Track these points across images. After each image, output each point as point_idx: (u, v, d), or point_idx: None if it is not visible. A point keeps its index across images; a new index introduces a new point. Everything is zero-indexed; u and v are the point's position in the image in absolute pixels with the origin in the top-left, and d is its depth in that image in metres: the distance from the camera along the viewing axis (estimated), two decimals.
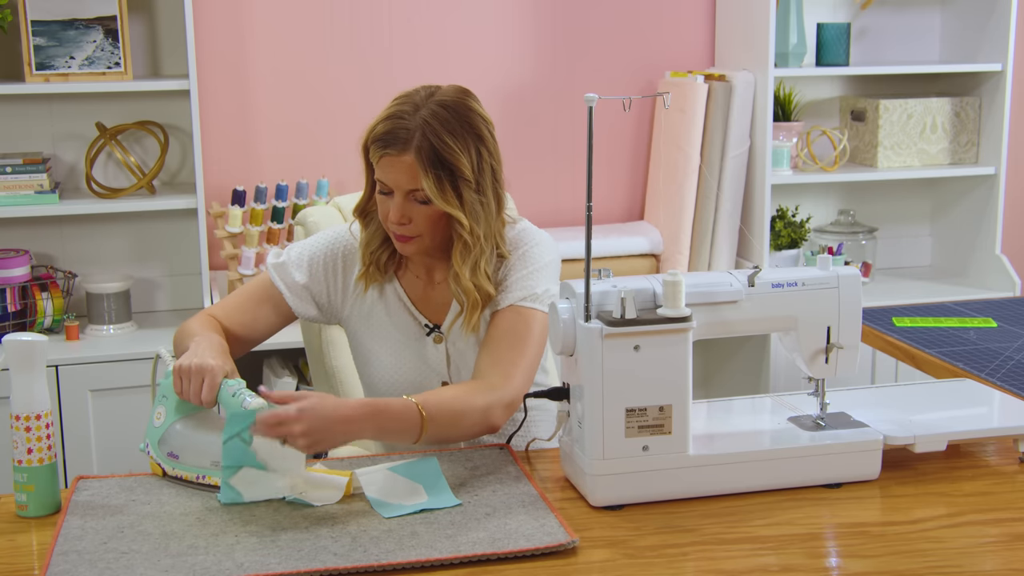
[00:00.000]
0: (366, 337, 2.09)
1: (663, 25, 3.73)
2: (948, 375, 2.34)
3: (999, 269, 3.67)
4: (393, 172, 1.90)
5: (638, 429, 1.67)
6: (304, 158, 3.52)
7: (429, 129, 1.88)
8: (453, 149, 1.88)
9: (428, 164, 1.88)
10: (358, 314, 2.09)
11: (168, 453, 1.79)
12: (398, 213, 1.92)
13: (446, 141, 1.88)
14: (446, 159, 1.88)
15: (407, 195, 1.92)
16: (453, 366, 2.06)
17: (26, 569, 1.54)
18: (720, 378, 3.81)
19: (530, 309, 1.97)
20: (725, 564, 1.52)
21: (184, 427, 1.80)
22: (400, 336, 2.07)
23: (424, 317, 2.07)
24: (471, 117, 1.92)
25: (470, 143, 1.91)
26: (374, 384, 2.11)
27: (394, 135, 1.89)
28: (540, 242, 2.05)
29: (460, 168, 1.90)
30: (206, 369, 1.76)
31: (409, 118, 1.89)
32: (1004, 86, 3.61)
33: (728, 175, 3.54)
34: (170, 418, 1.81)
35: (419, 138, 1.88)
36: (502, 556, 1.53)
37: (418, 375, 2.07)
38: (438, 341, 2.06)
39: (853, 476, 1.77)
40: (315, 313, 2.10)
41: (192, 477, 1.76)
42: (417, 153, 1.88)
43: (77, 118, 3.37)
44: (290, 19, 3.47)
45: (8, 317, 3.17)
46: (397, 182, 1.91)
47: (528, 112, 3.65)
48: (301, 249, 2.09)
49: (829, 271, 1.78)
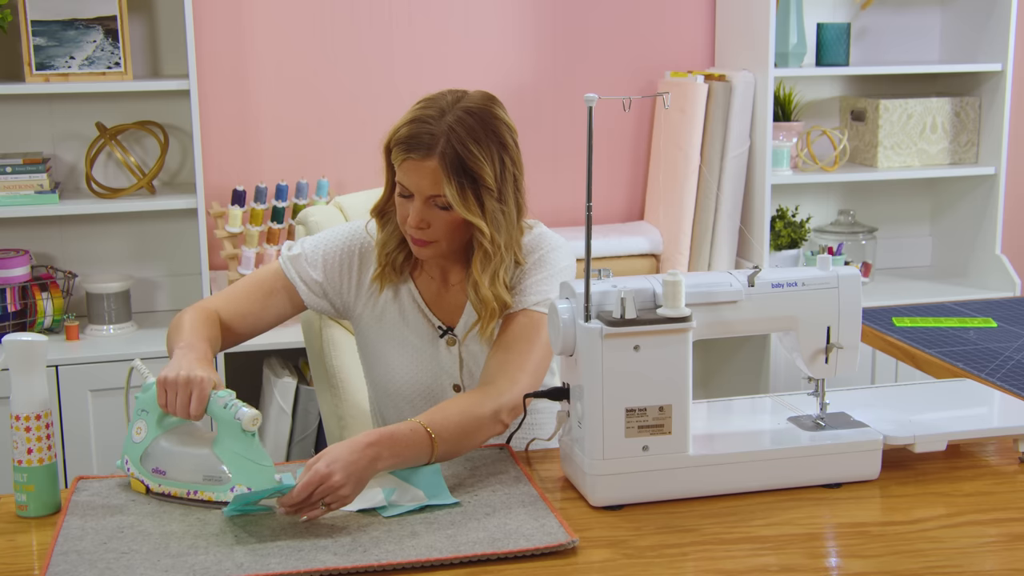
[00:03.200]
0: (377, 337, 2.07)
1: (663, 25, 3.73)
2: (948, 375, 2.34)
3: (999, 269, 3.67)
4: (415, 176, 1.88)
5: (638, 429, 1.67)
6: (304, 158, 3.52)
7: (455, 136, 1.85)
8: (477, 157, 1.86)
9: (452, 171, 1.85)
10: (371, 314, 2.07)
11: (153, 469, 1.73)
12: (417, 218, 1.90)
13: (471, 149, 1.85)
14: (470, 167, 1.86)
15: (427, 200, 1.89)
16: (466, 369, 2.05)
17: (26, 569, 1.54)
18: (720, 378, 3.81)
19: (542, 314, 1.95)
20: (725, 564, 1.53)
21: (169, 442, 1.75)
22: (413, 338, 2.05)
23: (438, 319, 2.05)
24: (497, 125, 1.90)
25: (494, 151, 1.88)
26: (383, 385, 2.09)
27: (419, 139, 1.86)
28: (557, 247, 2.03)
29: (483, 177, 1.87)
30: (194, 381, 1.70)
31: (435, 123, 1.86)
32: (1004, 86, 3.61)
33: (728, 175, 3.54)
34: (152, 433, 1.76)
35: (444, 144, 1.85)
36: (502, 556, 1.53)
37: (429, 377, 2.06)
38: (451, 344, 2.04)
39: (853, 476, 1.77)
40: (327, 307, 2.08)
41: (182, 493, 1.70)
42: (441, 159, 1.85)
43: (77, 118, 3.37)
44: (290, 19, 3.47)
45: (8, 317, 3.17)
46: (419, 187, 1.88)
47: (528, 112, 3.65)
48: (316, 243, 2.07)
49: (829, 271, 1.78)
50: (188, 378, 1.71)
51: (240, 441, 1.68)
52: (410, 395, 2.06)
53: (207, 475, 1.69)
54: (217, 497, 1.68)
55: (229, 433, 1.69)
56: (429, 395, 2.05)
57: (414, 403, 2.06)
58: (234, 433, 1.69)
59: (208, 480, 1.69)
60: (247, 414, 1.67)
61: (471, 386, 2.04)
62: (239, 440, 1.68)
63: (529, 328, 1.94)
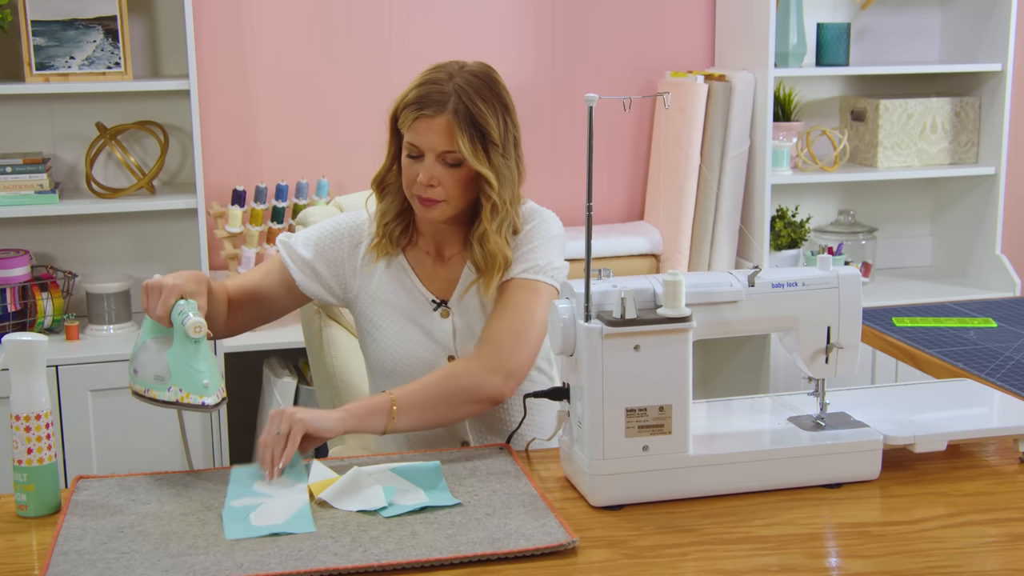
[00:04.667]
0: (373, 314, 2.11)
1: (663, 25, 3.73)
2: (948, 375, 2.34)
3: (999, 269, 3.67)
4: (429, 133, 1.98)
5: (638, 429, 1.67)
6: (304, 158, 3.52)
7: (464, 93, 1.98)
8: (485, 113, 1.98)
9: (464, 124, 1.97)
10: (365, 292, 2.11)
11: (133, 370, 1.87)
12: (428, 175, 1.99)
13: (479, 106, 1.98)
14: (479, 122, 1.98)
15: (439, 157, 1.98)
16: (459, 339, 2.08)
17: (26, 569, 1.54)
18: (720, 378, 3.81)
19: (532, 280, 2.03)
20: (725, 564, 1.53)
21: (149, 345, 1.88)
22: (406, 311, 2.09)
23: (431, 293, 2.09)
24: (499, 88, 2.03)
25: (498, 110, 2.01)
26: (380, 361, 2.11)
27: (430, 98, 1.98)
28: (546, 218, 2.13)
29: (490, 132, 1.99)
30: (164, 286, 1.84)
31: (444, 84, 1.99)
32: (1004, 86, 3.61)
33: (728, 175, 3.54)
34: (144, 337, 1.89)
35: (455, 101, 1.97)
36: (502, 556, 1.53)
37: (425, 350, 2.08)
38: (444, 316, 2.08)
39: (853, 476, 1.77)
40: (320, 291, 2.12)
41: (140, 391, 1.85)
42: (454, 114, 1.97)
43: (77, 118, 3.37)
44: (290, 19, 3.47)
45: (8, 317, 3.17)
46: (432, 143, 1.98)
47: (528, 112, 3.64)
48: (310, 229, 2.15)
49: (829, 271, 1.78)
50: (160, 283, 1.86)
51: (185, 347, 1.81)
52: (407, 371, 2.08)
53: (157, 375, 1.84)
54: (159, 396, 1.83)
55: (179, 339, 1.82)
56: (425, 368, 2.08)
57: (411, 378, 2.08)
58: (182, 339, 1.81)
59: (157, 379, 1.83)
60: (191, 321, 1.80)
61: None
62: (184, 346, 1.81)
63: (519, 296, 2.02)
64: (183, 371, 1.81)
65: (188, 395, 1.81)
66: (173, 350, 1.83)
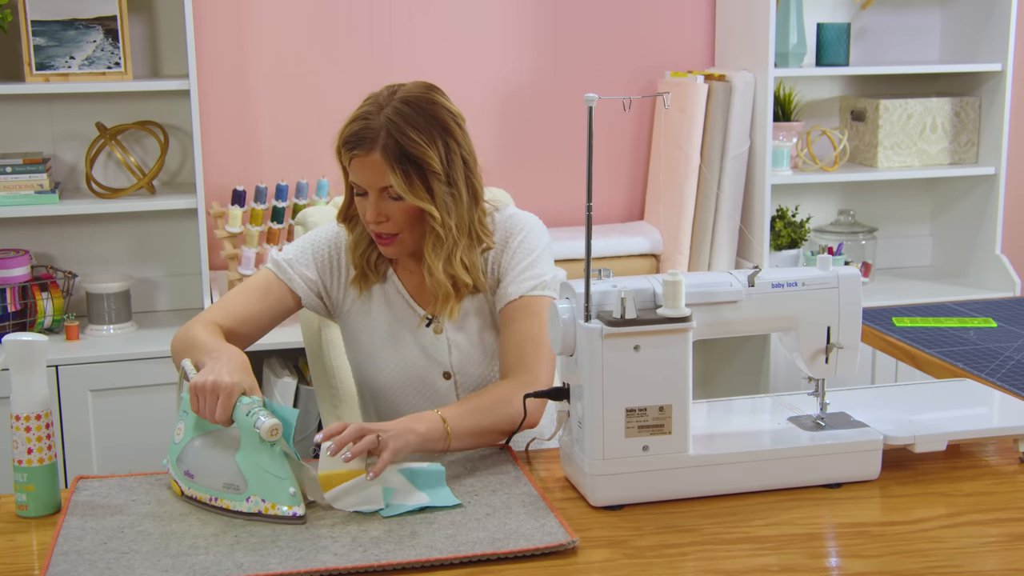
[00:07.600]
0: (366, 332, 2.10)
1: (663, 25, 3.73)
2: (948, 375, 2.34)
3: (999, 269, 3.67)
4: (364, 172, 1.94)
5: (638, 429, 1.67)
6: (304, 158, 3.52)
7: (393, 127, 1.91)
8: (418, 143, 1.91)
9: (395, 160, 1.91)
10: (358, 310, 2.10)
11: (185, 472, 1.72)
12: (374, 212, 1.95)
13: (411, 136, 1.91)
14: (413, 154, 1.91)
15: (380, 193, 1.95)
16: (454, 354, 2.07)
17: (26, 569, 1.54)
18: (720, 378, 3.81)
19: (540, 297, 2.01)
20: (725, 564, 1.53)
21: (202, 446, 1.74)
22: (400, 328, 2.08)
23: (422, 309, 2.08)
24: (436, 111, 1.95)
25: (436, 137, 1.93)
26: (375, 380, 2.10)
27: (360, 136, 1.92)
28: (533, 227, 2.08)
29: (428, 162, 1.92)
30: (221, 387, 1.71)
31: (373, 118, 1.92)
32: (1004, 86, 3.61)
33: (728, 175, 3.54)
34: (188, 435, 1.76)
35: (384, 136, 1.91)
36: (502, 556, 1.53)
37: (420, 367, 2.07)
38: (438, 332, 2.07)
39: (853, 476, 1.77)
40: (320, 306, 2.11)
41: (206, 499, 1.69)
42: (383, 151, 1.91)
43: (77, 118, 3.37)
44: (290, 19, 3.47)
45: (8, 317, 3.17)
46: (368, 181, 1.94)
47: (528, 112, 3.65)
48: (303, 245, 2.11)
49: (829, 271, 1.78)
50: (215, 383, 1.71)
51: (260, 450, 1.67)
52: (402, 387, 2.08)
53: (227, 483, 1.67)
54: (234, 507, 1.66)
55: (250, 442, 1.67)
56: (420, 385, 2.07)
57: (406, 395, 2.08)
58: (254, 442, 1.67)
59: (227, 488, 1.67)
60: (265, 424, 1.65)
61: (461, 372, 2.07)
62: (259, 449, 1.67)
63: (532, 315, 1.99)
64: (262, 479, 1.65)
65: (274, 506, 1.64)
66: (244, 454, 1.68)
